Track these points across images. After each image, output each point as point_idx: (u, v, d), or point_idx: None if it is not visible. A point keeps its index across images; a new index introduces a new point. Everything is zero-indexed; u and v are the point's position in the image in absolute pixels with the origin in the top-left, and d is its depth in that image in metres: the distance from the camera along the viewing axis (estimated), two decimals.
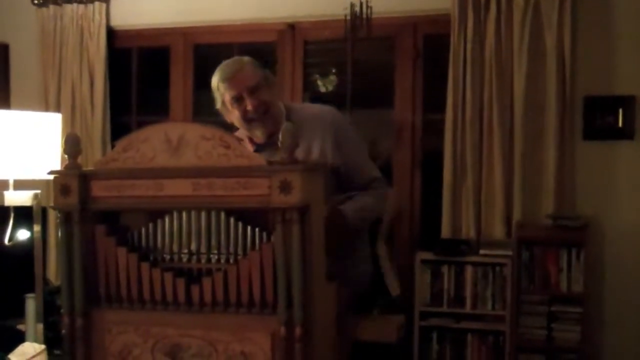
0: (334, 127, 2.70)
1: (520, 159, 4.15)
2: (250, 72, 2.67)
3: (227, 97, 2.67)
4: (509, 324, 3.97)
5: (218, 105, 2.74)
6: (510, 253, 4.00)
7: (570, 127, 4.13)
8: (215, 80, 2.70)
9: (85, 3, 5.01)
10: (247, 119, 2.67)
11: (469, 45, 4.23)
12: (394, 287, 2.26)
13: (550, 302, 3.94)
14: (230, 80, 2.65)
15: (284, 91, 4.63)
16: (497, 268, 4.04)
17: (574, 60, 4.11)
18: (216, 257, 1.86)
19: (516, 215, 4.14)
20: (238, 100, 2.65)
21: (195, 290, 1.86)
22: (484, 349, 4.08)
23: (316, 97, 4.90)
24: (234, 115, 2.70)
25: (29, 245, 2.94)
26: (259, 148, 2.74)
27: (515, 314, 3.94)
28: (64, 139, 1.93)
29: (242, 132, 2.81)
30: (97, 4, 5.00)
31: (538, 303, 3.95)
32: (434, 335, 4.12)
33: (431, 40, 4.54)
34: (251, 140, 2.75)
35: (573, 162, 4.14)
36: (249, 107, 2.63)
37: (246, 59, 2.74)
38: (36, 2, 5.11)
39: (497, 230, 4.18)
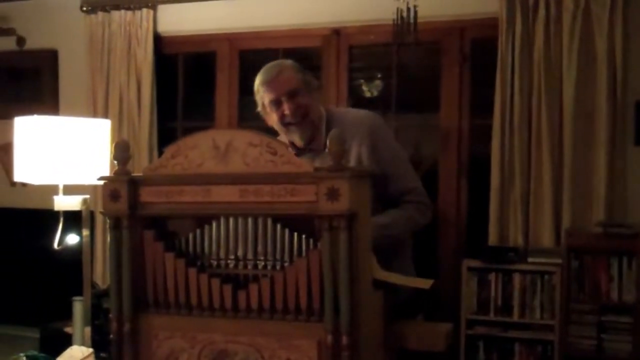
0: (371, 132, 2.67)
1: (570, 165, 4.08)
2: (289, 75, 2.66)
3: (266, 101, 2.67)
4: (557, 334, 3.90)
5: (259, 108, 2.75)
6: (559, 261, 3.93)
7: (621, 132, 4.04)
8: (256, 83, 2.71)
9: (132, 10, 5.08)
10: (284, 123, 2.66)
11: (517, 49, 4.17)
12: (422, 283, 2.20)
13: (600, 312, 3.86)
14: (269, 83, 2.65)
15: (328, 96, 4.63)
16: (546, 276, 3.96)
17: (625, 64, 4.02)
18: (263, 263, 1.86)
19: (565, 223, 4.07)
20: (277, 103, 2.65)
21: (242, 296, 1.86)
22: (532, 358, 4.01)
23: (361, 102, 4.89)
24: (272, 120, 2.71)
25: (76, 249, 2.98)
26: (298, 153, 2.73)
27: (565, 324, 3.87)
28: (113, 145, 1.95)
29: (282, 137, 2.81)
30: (144, 10, 5.06)
31: (588, 312, 3.87)
32: (481, 344, 4.07)
33: (478, 44, 4.50)
34: (292, 144, 2.75)
35: (624, 168, 4.05)
36: (287, 112, 2.63)
37: (288, 62, 2.74)
38: (85, 8, 5.19)
39: (546, 238, 4.11)
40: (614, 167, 4.03)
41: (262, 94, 2.69)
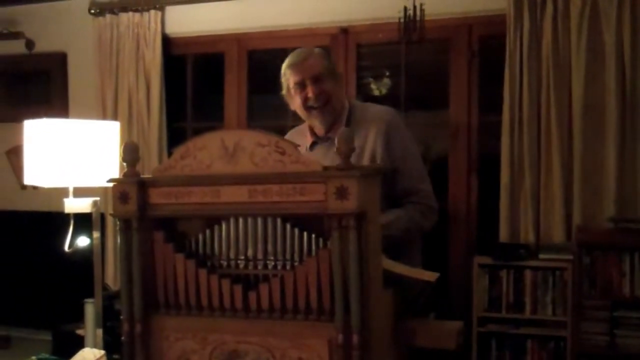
0: (387, 128, 2.69)
1: (580, 160, 4.06)
2: (316, 60, 2.72)
3: (291, 83, 2.73)
4: (570, 330, 3.88)
5: (283, 91, 2.79)
6: (570, 257, 3.91)
7: (631, 127, 4.03)
8: (283, 66, 2.77)
9: (140, 11, 5.09)
10: (306, 107, 2.72)
11: (525, 46, 4.16)
12: (428, 275, 2.21)
13: (612, 308, 3.84)
14: (295, 66, 2.72)
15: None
16: (557, 272, 3.95)
17: (633, 59, 4.00)
18: (273, 263, 1.85)
19: (576, 218, 4.05)
20: (301, 86, 2.71)
21: (252, 296, 1.86)
22: (544, 355, 3.99)
23: (369, 100, 4.88)
24: (296, 103, 2.76)
25: (87, 252, 2.99)
26: (317, 141, 2.76)
27: (577, 320, 3.86)
28: (122, 147, 1.95)
29: (302, 128, 2.82)
30: (152, 12, 5.07)
31: (600, 308, 3.85)
32: (493, 342, 4.06)
33: (486, 41, 4.49)
34: (312, 131, 2.77)
35: (635, 163, 4.03)
36: (310, 94, 2.69)
37: (317, 49, 2.81)
38: (93, 11, 5.20)
39: (557, 234, 4.10)
40: (624, 162, 4.01)
41: (287, 76, 2.75)
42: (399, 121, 2.81)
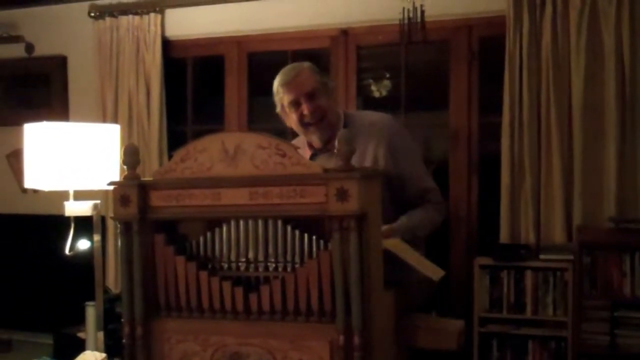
0: (388, 135, 2.71)
1: (580, 160, 4.06)
2: (308, 77, 2.72)
3: (286, 101, 2.73)
4: (570, 330, 3.88)
5: (278, 109, 2.79)
6: (571, 257, 3.91)
7: (631, 127, 4.02)
8: (275, 84, 2.77)
9: (140, 14, 5.09)
10: (303, 124, 2.73)
11: (525, 47, 4.16)
12: (433, 272, 2.22)
13: (613, 308, 3.84)
14: (288, 84, 2.71)
15: (337, 97, 4.62)
16: (558, 273, 3.95)
17: (633, 59, 4.00)
18: (274, 265, 1.86)
19: (577, 219, 4.05)
20: (295, 104, 2.71)
21: (253, 298, 1.86)
22: (545, 355, 3.99)
23: (370, 101, 4.89)
24: (292, 120, 2.76)
25: (88, 255, 2.99)
26: (316, 153, 2.76)
27: (577, 320, 3.85)
28: (122, 150, 1.96)
29: (300, 140, 2.84)
30: (152, 15, 5.07)
31: (601, 308, 3.85)
32: (494, 342, 4.05)
33: (486, 42, 4.49)
34: (310, 145, 2.78)
35: (635, 163, 4.03)
36: (305, 112, 2.69)
37: (306, 64, 2.80)
38: (92, 14, 5.20)
39: (557, 235, 4.09)
40: (624, 162, 4.01)
41: (281, 95, 2.74)
42: (398, 126, 2.84)
